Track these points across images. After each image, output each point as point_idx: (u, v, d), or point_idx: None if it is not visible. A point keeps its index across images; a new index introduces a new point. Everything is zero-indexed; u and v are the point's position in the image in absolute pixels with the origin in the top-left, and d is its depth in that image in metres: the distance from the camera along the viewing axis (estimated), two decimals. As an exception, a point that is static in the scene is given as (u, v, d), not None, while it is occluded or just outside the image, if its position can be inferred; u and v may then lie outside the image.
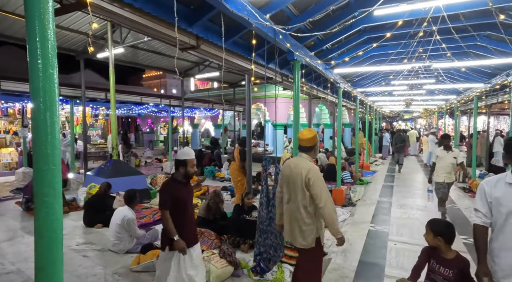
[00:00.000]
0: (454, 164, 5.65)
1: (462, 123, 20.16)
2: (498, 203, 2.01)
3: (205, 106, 15.18)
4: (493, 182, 2.09)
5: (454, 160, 5.61)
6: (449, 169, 5.63)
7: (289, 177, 2.86)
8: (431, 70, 8.27)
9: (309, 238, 2.80)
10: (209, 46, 3.86)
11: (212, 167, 11.21)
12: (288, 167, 2.90)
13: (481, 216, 2.10)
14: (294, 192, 2.82)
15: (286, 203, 2.93)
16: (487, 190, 2.08)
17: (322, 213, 2.70)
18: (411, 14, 4.32)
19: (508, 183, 2.00)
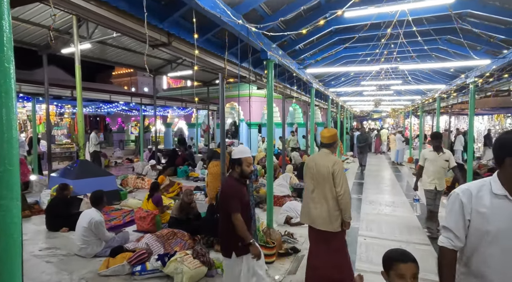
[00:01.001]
0: (445, 168, 4.88)
1: (426, 122, 21.29)
2: (483, 221, 1.53)
3: (178, 105, 14.90)
4: (473, 192, 1.58)
5: (446, 163, 4.84)
6: (440, 174, 4.87)
7: (314, 169, 3.20)
8: (398, 72, 8.65)
9: (336, 222, 3.13)
10: (181, 44, 3.78)
11: (186, 167, 11.04)
12: (313, 161, 3.28)
13: (452, 238, 1.61)
14: (321, 183, 3.16)
15: (310, 192, 3.24)
16: (466, 203, 1.57)
17: (340, 199, 3.08)
18: (379, 17, 4.49)
19: (496, 194, 1.53)
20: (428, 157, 4.95)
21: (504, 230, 1.50)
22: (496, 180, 1.56)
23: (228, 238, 2.76)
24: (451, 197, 1.64)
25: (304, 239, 5.03)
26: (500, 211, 1.51)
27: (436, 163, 4.86)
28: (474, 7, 4.30)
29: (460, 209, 1.59)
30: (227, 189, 2.81)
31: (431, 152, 4.92)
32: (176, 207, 5.24)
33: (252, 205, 3.87)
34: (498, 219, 1.50)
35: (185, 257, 3.77)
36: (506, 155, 1.51)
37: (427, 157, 4.95)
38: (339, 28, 5.89)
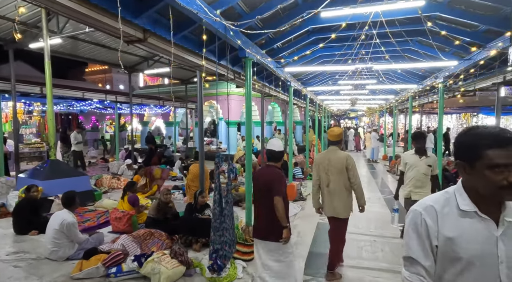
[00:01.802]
0: (427, 175, 4.21)
1: (400, 121, 22.08)
2: (452, 246, 1.20)
3: (155, 103, 14.58)
4: (437, 209, 1.24)
5: (428, 169, 4.20)
6: (421, 182, 4.19)
7: (328, 165, 3.62)
8: (372, 71, 8.91)
9: (348, 210, 3.70)
10: (157, 40, 3.71)
11: (164, 166, 10.84)
12: (325, 158, 3.67)
13: (424, 274, 1.23)
14: (336, 176, 3.60)
15: (326, 186, 3.67)
16: (431, 225, 1.23)
17: (356, 188, 3.64)
18: (354, 18, 4.60)
19: (463, 211, 1.21)
20: (408, 161, 4.32)
21: (477, 256, 1.17)
22: (461, 192, 1.24)
23: (271, 221, 2.97)
24: (412, 216, 1.27)
25: (282, 236, 5.10)
26: (471, 233, 1.19)
27: (416, 168, 4.22)
28: (442, 11, 4.51)
29: (425, 232, 1.23)
30: (275, 176, 3.02)
31: (412, 155, 4.29)
32: (153, 206, 5.14)
33: (230, 203, 3.90)
34: (469, 243, 1.18)
35: (162, 257, 3.72)
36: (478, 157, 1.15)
37: (407, 160, 4.33)
38: (316, 27, 5.99)
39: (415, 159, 4.24)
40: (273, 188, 2.93)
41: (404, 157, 4.46)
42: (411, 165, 4.28)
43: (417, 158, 4.23)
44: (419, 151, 4.26)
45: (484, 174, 1.14)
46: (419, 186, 4.21)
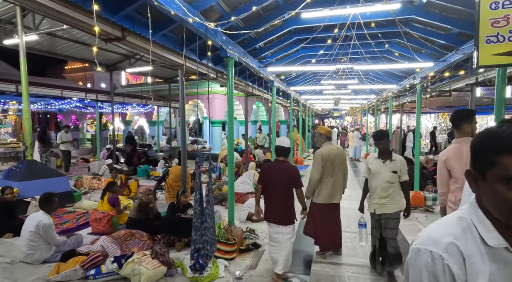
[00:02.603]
0: (393, 184, 3.44)
1: (381, 120, 22.59)
2: None
3: (138, 102, 14.36)
4: (461, 249, 0.82)
5: (394, 176, 3.42)
6: (385, 192, 3.43)
7: (335, 157, 4.12)
8: (353, 72, 9.10)
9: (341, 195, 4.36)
10: (136, 39, 3.66)
11: (146, 166, 10.71)
12: (332, 152, 4.12)
13: None
14: (340, 166, 4.17)
15: (331, 176, 4.12)
16: (458, 274, 0.81)
17: (347, 175, 4.42)
18: (333, 19, 4.70)
19: (491, 247, 0.83)
20: (371, 166, 3.56)
21: None
22: (481, 217, 0.86)
23: (288, 208, 3.58)
24: (426, 262, 0.83)
25: (265, 235, 5.14)
26: (503, 275, 0.82)
27: (380, 176, 3.45)
28: (418, 14, 4.67)
29: None
30: (294, 170, 3.68)
31: (375, 159, 3.52)
32: (134, 207, 5.08)
33: (211, 202, 3.91)
34: None
35: (143, 257, 3.69)
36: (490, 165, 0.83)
37: (370, 166, 3.56)
38: (297, 28, 6.06)
39: (378, 164, 3.46)
40: (295, 182, 3.58)
41: (368, 160, 3.65)
42: (375, 171, 3.50)
43: (380, 163, 3.46)
44: (382, 154, 3.48)
45: (497, 189, 0.79)
46: (385, 197, 3.44)
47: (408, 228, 5.32)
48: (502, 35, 2.20)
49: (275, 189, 3.56)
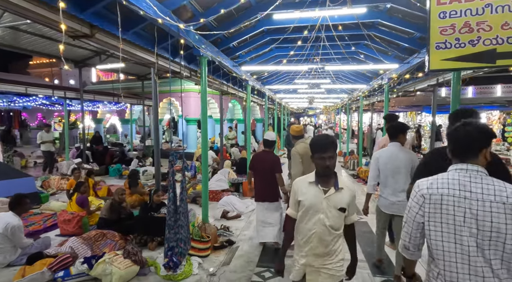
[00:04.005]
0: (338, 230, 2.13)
1: (354, 119, 23.34)
2: None
3: (110, 100, 13.91)
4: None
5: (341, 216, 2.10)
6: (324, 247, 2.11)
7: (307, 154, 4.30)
8: (325, 72, 9.36)
9: None
10: (106, 36, 3.60)
11: (119, 165, 10.45)
12: (306, 148, 4.15)
13: None
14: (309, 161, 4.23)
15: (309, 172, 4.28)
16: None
17: None
18: (304, 21, 4.84)
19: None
20: (302, 198, 2.13)
21: None
22: None
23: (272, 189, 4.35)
24: None
25: (239, 232, 5.23)
26: None
27: (316, 215, 2.09)
28: (382, 18, 4.92)
29: None
30: (276, 159, 4.39)
31: (310, 185, 2.13)
32: (106, 207, 4.99)
33: (185, 200, 3.94)
34: None
35: (114, 257, 3.65)
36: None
37: (301, 197, 2.14)
38: (270, 28, 6.17)
39: (316, 195, 2.07)
40: (275, 168, 4.29)
41: (297, 187, 2.17)
42: (309, 206, 2.08)
43: (318, 192, 2.07)
44: (323, 176, 2.09)
45: None
46: (322, 256, 2.12)
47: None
48: (450, 42, 2.42)
49: (261, 173, 4.39)
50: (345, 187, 2.12)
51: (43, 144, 10.02)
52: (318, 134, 2.30)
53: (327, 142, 2.09)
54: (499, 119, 17.70)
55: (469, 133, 1.51)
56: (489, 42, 2.31)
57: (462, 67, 2.68)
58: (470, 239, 1.43)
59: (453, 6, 2.39)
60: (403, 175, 3.41)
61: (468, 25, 2.36)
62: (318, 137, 2.19)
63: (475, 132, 1.50)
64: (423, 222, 1.57)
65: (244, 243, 4.77)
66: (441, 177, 1.57)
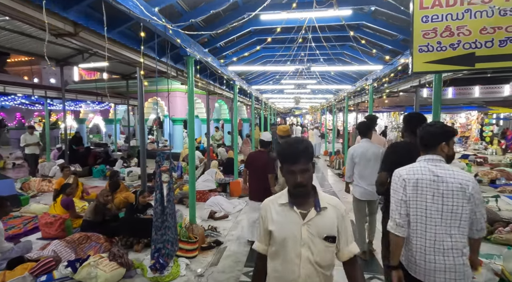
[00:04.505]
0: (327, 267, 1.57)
1: (339, 119, 23.66)
2: None
3: (93, 99, 13.61)
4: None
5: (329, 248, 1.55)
6: None
7: None
8: (311, 72, 9.47)
9: None
10: (90, 35, 3.52)
11: (103, 166, 10.23)
12: None
13: None
14: None
15: None
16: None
17: None
18: (291, 22, 4.88)
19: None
20: (273, 227, 1.60)
21: None
22: None
23: (263, 189, 4.28)
24: None
25: (227, 232, 5.23)
26: None
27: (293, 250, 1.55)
28: (367, 20, 5.03)
29: None
30: (269, 160, 4.41)
31: (282, 208, 1.61)
32: (90, 209, 4.88)
33: (172, 201, 3.91)
34: None
35: (100, 260, 3.59)
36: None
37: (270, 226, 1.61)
38: (257, 29, 6.19)
39: (290, 219, 1.57)
40: (267, 169, 4.35)
41: (265, 211, 1.66)
42: (283, 237, 1.56)
43: (292, 216, 1.57)
44: (298, 197, 1.59)
45: None
46: None
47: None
48: (432, 45, 2.51)
49: (255, 172, 4.50)
50: (330, 206, 1.56)
51: (28, 146, 9.61)
52: (287, 139, 1.63)
53: (297, 150, 1.50)
54: (477, 119, 18.34)
55: (431, 132, 2.01)
56: (469, 46, 2.42)
57: (444, 70, 2.78)
58: (438, 213, 1.88)
59: (435, 10, 2.49)
60: (373, 167, 3.83)
61: (449, 29, 2.46)
62: (286, 142, 1.57)
63: (435, 131, 2.00)
64: (406, 201, 1.96)
65: (232, 243, 4.77)
66: (415, 165, 2.01)
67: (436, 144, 1.98)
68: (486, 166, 10.76)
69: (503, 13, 2.28)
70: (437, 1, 2.44)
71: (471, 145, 17.41)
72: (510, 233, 4.46)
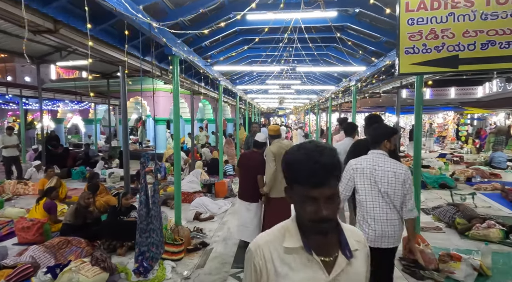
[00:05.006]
0: None
1: (322, 119, 24.00)
2: None
3: (72, 99, 13.14)
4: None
5: None
6: None
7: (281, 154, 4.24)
8: (296, 73, 9.54)
9: None
10: (71, 32, 3.39)
11: (82, 167, 9.91)
12: (280, 148, 4.28)
13: None
14: None
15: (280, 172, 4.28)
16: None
17: None
18: (277, 22, 4.90)
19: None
20: None
21: None
22: None
23: (254, 189, 4.36)
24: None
25: (213, 233, 5.17)
26: None
27: None
28: (351, 22, 5.11)
29: None
30: (260, 161, 4.39)
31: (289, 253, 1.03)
32: (70, 212, 4.71)
33: (158, 203, 3.82)
34: None
35: (81, 265, 3.46)
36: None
37: None
38: (243, 29, 6.17)
39: (308, 274, 1.00)
40: (258, 169, 4.32)
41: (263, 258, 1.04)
42: None
43: (311, 268, 1.00)
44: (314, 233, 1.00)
45: None
46: None
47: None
48: (417, 47, 2.58)
49: (247, 172, 4.48)
50: (358, 244, 1.08)
51: (5, 148, 9.12)
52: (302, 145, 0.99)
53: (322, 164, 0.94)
54: (453, 119, 19.06)
55: (376, 131, 2.58)
56: (452, 48, 2.50)
57: (429, 72, 2.86)
58: (378, 193, 2.41)
59: (420, 13, 2.55)
60: None
61: (434, 32, 2.53)
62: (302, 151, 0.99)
63: (379, 131, 2.57)
64: (353, 183, 2.51)
65: (218, 245, 4.73)
66: (363, 157, 2.54)
67: (380, 141, 2.51)
68: (462, 164, 11.18)
69: (484, 17, 2.38)
70: (422, 4, 2.52)
71: (448, 144, 18.07)
72: (487, 229, 4.64)
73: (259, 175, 4.37)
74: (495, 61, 2.44)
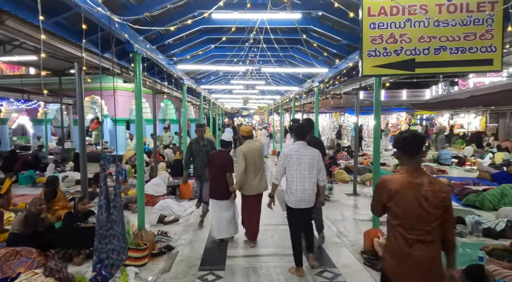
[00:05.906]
0: None
1: (286, 119, 24.45)
2: None
3: (18, 97, 12.05)
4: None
5: None
6: None
7: (255, 153, 4.56)
8: (261, 73, 9.62)
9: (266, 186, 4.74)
10: (19, 24, 3.09)
11: (31, 171, 9.13)
12: (250, 148, 4.54)
13: None
14: (260, 160, 4.67)
15: (253, 170, 4.52)
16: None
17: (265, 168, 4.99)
18: (243, 22, 4.89)
19: None
20: None
21: None
22: None
23: (223, 188, 4.54)
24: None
25: (178, 236, 5.04)
26: None
27: None
28: (315, 25, 5.27)
29: None
30: (228, 159, 4.62)
31: None
32: (19, 220, 4.31)
33: (119, 207, 3.63)
34: None
35: (33, 277, 3.19)
36: None
37: None
38: (208, 27, 6.08)
39: None
40: (226, 168, 4.53)
41: None
42: None
43: None
44: None
45: None
46: None
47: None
48: (379, 50, 2.73)
49: (215, 171, 4.62)
50: None
51: None
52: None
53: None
54: (405, 120, 20.46)
55: (301, 129, 3.67)
56: (410, 52, 2.68)
57: (389, 74, 3.04)
58: (299, 172, 3.50)
59: (381, 18, 2.71)
60: None
61: (393, 37, 2.69)
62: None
63: (304, 128, 3.70)
64: (285, 167, 3.56)
65: (184, 248, 4.62)
66: (291, 146, 3.58)
67: (304, 135, 3.62)
68: (426, 162, 11.99)
69: (437, 24, 2.59)
70: (382, 9, 2.68)
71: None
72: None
73: (228, 172, 4.52)
74: (446, 65, 2.68)
